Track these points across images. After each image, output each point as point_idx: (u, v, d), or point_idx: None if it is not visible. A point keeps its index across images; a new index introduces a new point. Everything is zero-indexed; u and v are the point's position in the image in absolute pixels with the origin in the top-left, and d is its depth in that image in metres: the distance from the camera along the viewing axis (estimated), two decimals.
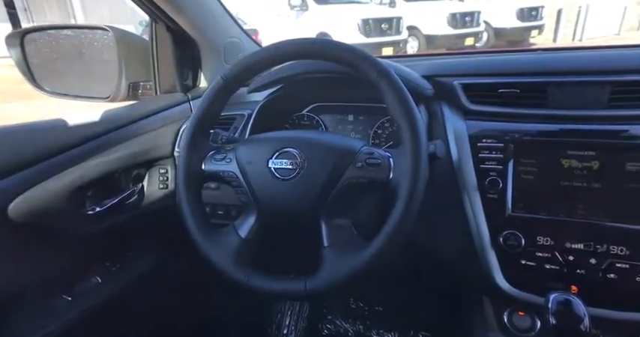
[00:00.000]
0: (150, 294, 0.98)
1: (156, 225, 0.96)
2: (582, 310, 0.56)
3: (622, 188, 0.68)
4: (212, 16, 1.00)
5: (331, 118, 1.02)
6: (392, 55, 1.12)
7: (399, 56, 1.12)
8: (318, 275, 0.59)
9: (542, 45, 7.39)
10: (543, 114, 0.76)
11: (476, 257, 0.74)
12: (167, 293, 1.04)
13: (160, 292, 1.01)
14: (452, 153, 0.79)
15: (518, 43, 7.58)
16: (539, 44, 7.66)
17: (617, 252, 0.67)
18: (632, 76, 0.73)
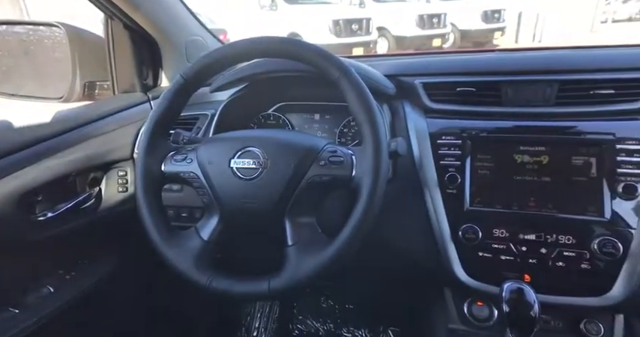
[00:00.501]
0: (110, 301, 0.94)
1: (116, 229, 0.93)
2: (532, 297, 0.59)
3: (568, 181, 0.73)
4: (171, 13, 0.98)
5: (298, 117, 1.02)
6: (357, 55, 1.13)
7: (364, 56, 1.14)
8: (282, 274, 0.59)
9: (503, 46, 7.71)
10: (498, 111, 0.80)
11: (437, 251, 0.77)
12: (128, 300, 1.00)
13: (121, 298, 0.98)
14: (413, 150, 0.81)
15: (483, 44, 7.86)
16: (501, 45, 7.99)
17: (564, 241, 0.71)
18: (577, 75, 0.77)
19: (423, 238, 0.78)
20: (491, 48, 1.13)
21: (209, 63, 0.68)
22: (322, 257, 0.58)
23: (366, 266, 0.94)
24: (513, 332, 0.60)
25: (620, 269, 0.67)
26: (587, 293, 0.69)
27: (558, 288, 0.71)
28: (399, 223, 0.81)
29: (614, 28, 9.30)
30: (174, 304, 1.14)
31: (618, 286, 0.67)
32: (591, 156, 0.72)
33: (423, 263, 0.79)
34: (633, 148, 0.69)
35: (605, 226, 0.69)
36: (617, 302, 0.67)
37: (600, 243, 0.67)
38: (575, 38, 7.39)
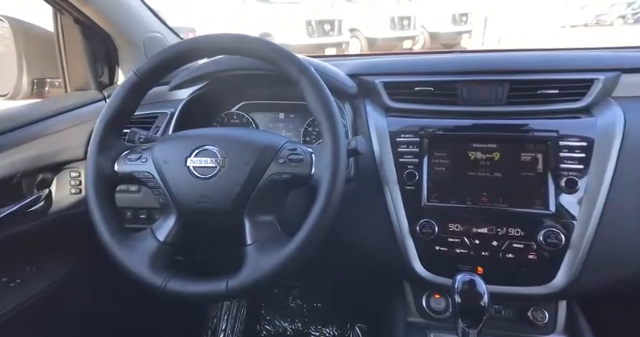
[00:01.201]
0: (63, 308, 0.89)
1: (70, 232, 0.89)
2: (483, 288, 0.61)
3: (517, 176, 0.76)
4: (126, 8, 0.94)
5: (262, 116, 1.01)
6: (321, 55, 1.14)
7: (328, 56, 1.15)
8: (240, 273, 0.59)
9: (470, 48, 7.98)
10: (454, 110, 0.83)
11: (396, 246, 0.78)
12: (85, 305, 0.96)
13: (77, 304, 0.93)
14: (374, 148, 0.82)
15: (452, 46, 8.10)
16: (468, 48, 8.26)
17: (514, 234, 0.74)
18: (526, 75, 0.81)
19: (383, 234, 0.79)
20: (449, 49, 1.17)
21: (164, 59, 0.66)
22: (281, 255, 0.58)
23: (330, 263, 0.95)
24: (465, 321, 0.62)
25: (562, 259, 0.71)
26: (534, 283, 0.73)
27: (508, 279, 0.74)
28: (361, 220, 0.82)
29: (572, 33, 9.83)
30: (135, 307, 1.10)
31: (561, 275, 0.71)
32: (538, 153, 0.76)
33: (384, 258, 0.81)
34: (574, 145, 0.73)
35: (550, 218, 0.72)
36: (559, 289, 0.71)
37: (545, 234, 0.71)
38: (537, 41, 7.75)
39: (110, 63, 0.99)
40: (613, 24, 10.90)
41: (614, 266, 0.71)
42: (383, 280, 0.91)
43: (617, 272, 0.71)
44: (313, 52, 5.84)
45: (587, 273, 0.70)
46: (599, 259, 0.70)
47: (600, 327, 0.74)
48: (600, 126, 0.74)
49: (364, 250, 0.83)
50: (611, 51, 0.93)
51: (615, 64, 0.80)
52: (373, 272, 0.92)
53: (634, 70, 0.80)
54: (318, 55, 1.07)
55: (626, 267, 0.71)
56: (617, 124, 0.73)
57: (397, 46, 7.12)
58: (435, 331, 0.78)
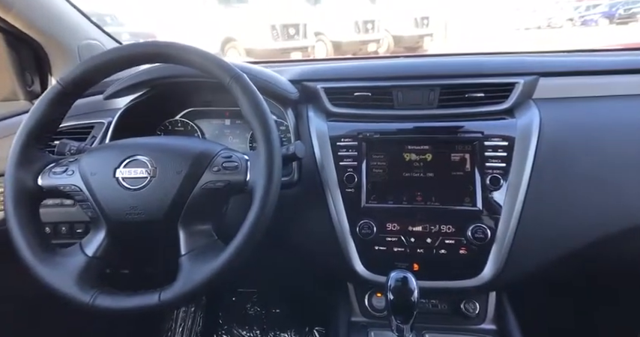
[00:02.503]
0: None
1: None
2: (414, 284, 0.63)
3: (448, 176, 0.80)
4: (56, 15, 0.91)
5: (207, 123, 1.00)
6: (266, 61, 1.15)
7: (273, 61, 1.15)
8: (174, 284, 0.58)
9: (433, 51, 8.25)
10: (390, 114, 0.86)
11: (339, 248, 0.80)
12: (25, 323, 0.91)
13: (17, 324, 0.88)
14: (315, 153, 0.83)
15: (415, 49, 8.34)
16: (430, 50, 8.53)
17: (445, 231, 0.78)
18: (455, 79, 0.85)
19: (326, 236, 0.81)
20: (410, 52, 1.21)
21: (91, 68, 0.65)
22: (215, 264, 0.58)
23: (280, 268, 0.95)
24: (397, 317, 0.64)
25: (489, 253, 0.75)
26: (465, 276, 0.77)
27: (442, 274, 0.77)
28: (305, 223, 0.84)
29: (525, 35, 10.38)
30: (83, 324, 1.06)
31: (488, 267, 0.75)
32: (466, 153, 0.80)
33: (327, 260, 0.82)
34: (497, 144, 0.78)
35: (478, 215, 0.77)
36: (487, 281, 0.75)
37: (473, 230, 0.75)
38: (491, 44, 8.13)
39: (42, 72, 0.95)
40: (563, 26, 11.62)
41: (535, 257, 0.76)
42: (330, 282, 0.93)
43: (537, 262, 0.76)
44: (278, 56, 5.85)
45: (512, 265, 0.74)
46: (521, 251, 0.74)
47: (526, 314, 0.79)
48: (520, 126, 0.79)
49: (309, 253, 0.84)
50: (531, 56, 0.99)
51: (534, 68, 0.86)
52: (319, 275, 0.94)
53: (550, 73, 0.86)
54: (262, 61, 1.08)
55: (545, 257, 0.76)
56: (533, 124, 0.79)
57: (362, 49, 7.26)
58: (376, 329, 0.80)
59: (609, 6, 10.68)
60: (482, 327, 0.80)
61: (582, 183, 0.75)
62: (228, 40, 5.90)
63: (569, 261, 0.76)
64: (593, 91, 0.86)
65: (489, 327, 0.80)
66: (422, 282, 0.75)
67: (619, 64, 0.91)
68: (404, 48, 8.30)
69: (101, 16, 4.87)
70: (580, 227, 0.75)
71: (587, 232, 0.75)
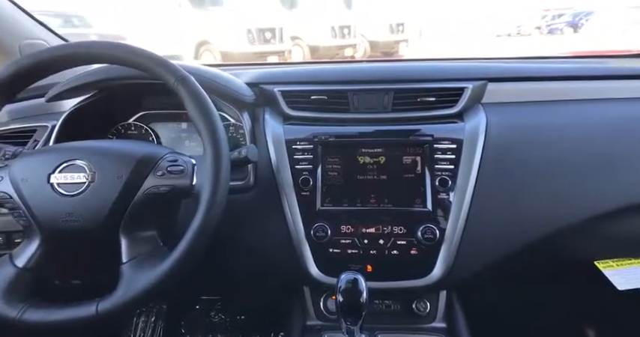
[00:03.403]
0: None
1: None
2: (362, 286, 0.64)
3: (400, 178, 0.82)
4: None
5: (163, 127, 0.99)
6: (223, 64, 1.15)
7: (230, 65, 1.15)
8: (113, 294, 0.57)
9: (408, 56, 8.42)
10: (345, 117, 0.87)
11: (294, 251, 0.80)
12: None
13: None
14: (271, 156, 0.84)
15: (391, 54, 8.50)
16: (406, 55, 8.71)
17: (397, 232, 0.79)
18: (408, 84, 0.88)
19: (281, 240, 0.81)
20: (387, 57, 1.23)
21: (22, 68, 0.63)
22: (157, 271, 0.57)
23: (238, 273, 0.94)
24: (347, 319, 0.65)
25: (439, 253, 0.78)
26: (416, 276, 0.78)
27: (394, 274, 0.79)
28: (262, 227, 0.83)
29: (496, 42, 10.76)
30: None
31: (438, 267, 0.78)
32: (417, 156, 0.82)
33: (283, 264, 0.82)
34: (447, 147, 0.81)
35: (428, 216, 0.79)
36: (437, 280, 0.77)
37: (423, 230, 0.77)
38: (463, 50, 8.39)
39: None
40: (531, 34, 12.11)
41: (482, 255, 0.79)
42: (287, 286, 0.93)
43: (485, 260, 0.79)
44: (255, 59, 5.83)
45: (460, 264, 0.77)
46: (469, 250, 0.77)
47: (476, 312, 0.82)
48: (468, 129, 0.82)
49: (265, 257, 0.84)
50: (480, 61, 1.04)
51: (482, 74, 0.90)
52: (276, 279, 0.94)
53: (498, 79, 0.90)
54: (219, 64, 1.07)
55: (492, 256, 0.79)
56: (480, 127, 0.82)
57: (339, 54, 7.32)
58: (330, 332, 0.80)
59: (573, 15, 11.23)
60: (432, 326, 0.82)
61: (525, 183, 0.79)
62: (203, 43, 5.83)
63: (515, 259, 0.79)
64: (538, 96, 0.90)
65: (439, 325, 0.82)
66: (375, 283, 0.77)
67: (562, 71, 0.97)
68: (380, 53, 8.43)
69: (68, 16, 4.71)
70: (523, 225, 0.78)
71: (530, 230, 0.78)
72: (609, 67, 1.02)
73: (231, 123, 0.95)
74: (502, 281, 0.86)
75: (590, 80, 0.94)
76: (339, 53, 7.34)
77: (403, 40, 8.62)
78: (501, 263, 0.79)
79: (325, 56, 7.13)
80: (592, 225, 0.78)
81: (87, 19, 5.09)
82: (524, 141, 0.82)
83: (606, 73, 0.97)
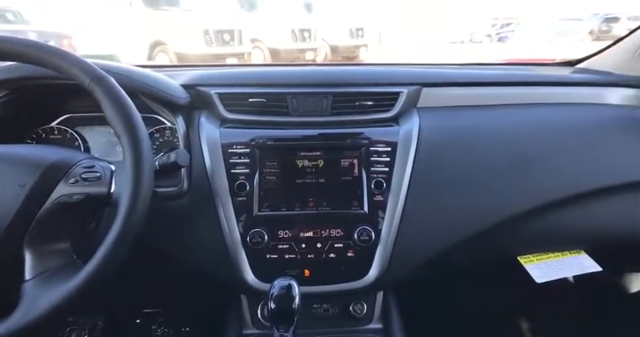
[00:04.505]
0: None
1: None
2: (295, 291, 0.63)
3: (338, 181, 0.82)
4: None
5: (91, 131, 0.93)
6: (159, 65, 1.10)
7: (166, 66, 1.11)
8: (12, 315, 0.51)
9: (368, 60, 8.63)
10: (284, 121, 0.86)
11: (230, 259, 0.78)
12: None
13: None
14: (206, 160, 0.81)
15: (352, 58, 8.65)
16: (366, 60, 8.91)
17: (335, 235, 0.79)
18: (346, 88, 0.88)
19: (217, 248, 0.79)
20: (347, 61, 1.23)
21: None
22: (66, 287, 0.52)
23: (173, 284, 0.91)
24: (280, 327, 0.64)
25: (374, 254, 0.79)
26: (353, 278, 0.79)
27: (332, 277, 0.79)
28: (196, 235, 0.80)
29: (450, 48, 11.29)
30: None
31: (374, 268, 0.78)
32: (354, 159, 0.83)
33: (218, 272, 0.80)
34: (382, 150, 0.82)
35: (364, 218, 0.80)
36: (373, 281, 0.78)
37: (359, 232, 0.78)
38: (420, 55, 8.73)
39: None
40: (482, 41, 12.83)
41: (415, 255, 0.81)
42: (224, 294, 0.90)
43: (418, 260, 0.81)
44: (212, 61, 5.69)
45: (395, 264, 0.78)
46: (403, 251, 0.78)
47: (411, 311, 0.84)
48: (402, 133, 0.84)
49: (201, 265, 0.81)
50: (416, 67, 1.07)
51: (417, 79, 0.92)
52: (213, 288, 0.91)
53: (432, 84, 0.93)
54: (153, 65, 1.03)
55: (424, 255, 0.81)
56: (413, 131, 0.84)
57: (300, 57, 7.34)
58: None
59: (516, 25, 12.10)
60: (369, 327, 0.83)
61: (454, 184, 0.82)
62: (158, 44, 5.61)
63: (446, 257, 0.82)
64: (469, 101, 0.95)
65: (376, 327, 0.83)
66: (313, 287, 0.76)
67: (492, 77, 1.02)
68: (341, 57, 8.57)
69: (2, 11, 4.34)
70: (453, 224, 0.81)
71: (459, 229, 0.81)
72: (535, 74, 1.09)
73: (167, 126, 0.91)
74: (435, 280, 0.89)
75: (518, 86, 1.00)
76: (300, 56, 7.36)
77: (363, 44, 8.81)
78: (434, 261, 0.81)
79: (286, 59, 7.12)
80: (516, 222, 0.82)
81: (24, 16, 4.71)
82: (454, 143, 0.85)
83: (532, 79, 1.03)
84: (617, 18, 9.98)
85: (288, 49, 7.15)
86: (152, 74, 0.84)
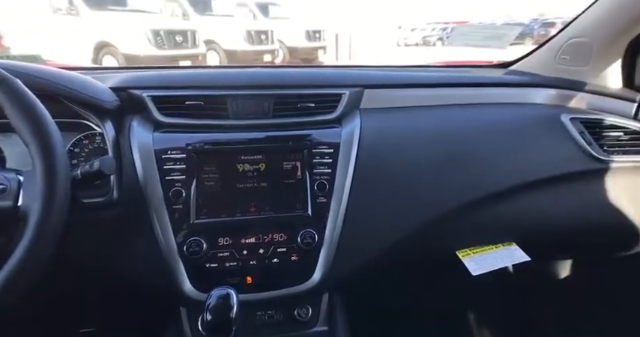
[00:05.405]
0: None
1: None
2: (234, 301, 0.61)
3: (281, 184, 0.81)
4: None
5: (5, 139, 0.84)
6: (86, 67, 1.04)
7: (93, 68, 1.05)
8: None
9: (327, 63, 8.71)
10: (224, 124, 0.84)
11: (166, 270, 0.74)
12: None
13: None
14: (137, 167, 0.76)
15: (310, 61, 8.70)
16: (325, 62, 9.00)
17: (278, 239, 0.78)
18: (288, 90, 0.87)
19: (153, 259, 0.75)
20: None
21: None
22: None
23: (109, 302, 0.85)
24: None
25: (318, 256, 0.78)
26: (298, 282, 0.78)
27: (275, 283, 0.78)
28: (129, 248, 0.76)
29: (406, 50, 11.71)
30: None
31: (318, 270, 0.78)
32: (297, 161, 0.82)
33: (154, 285, 0.76)
34: (324, 151, 0.82)
35: (308, 220, 0.79)
36: (318, 284, 0.78)
37: (302, 235, 0.77)
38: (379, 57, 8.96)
39: None
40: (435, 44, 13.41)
41: (358, 255, 0.81)
42: (163, 308, 0.86)
43: (361, 259, 0.82)
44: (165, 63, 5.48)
45: (339, 265, 0.78)
46: (346, 251, 0.79)
47: (357, 312, 0.85)
48: (344, 134, 0.84)
49: (136, 278, 0.77)
50: (359, 69, 1.09)
51: (360, 81, 0.93)
52: (150, 302, 0.86)
53: (373, 85, 0.94)
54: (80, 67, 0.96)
55: (368, 254, 0.82)
56: (355, 132, 0.85)
57: (257, 60, 7.27)
58: None
59: None
60: (314, 330, 0.82)
61: (395, 183, 0.83)
62: (104, 45, 5.30)
63: (390, 255, 0.83)
64: (410, 102, 0.97)
65: (321, 329, 0.83)
66: (256, 295, 0.74)
67: (432, 79, 1.06)
68: (300, 59, 8.59)
69: None
70: (395, 222, 0.83)
71: (401, 226, 0.83)
72: (471, 76, 1.15)
73: (97, 132, 0.85)
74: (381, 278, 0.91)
75: (454, 87, 1.04)
76: (257, 58, 7.29)
77: (322, 46, 8.89)
78: (377, 260, 0.82)
79: (243, 61, 7.02)
80: (453, 217, 0.85)
81: None
82: (394, 143, 0.87)
83: (467, 81, 1.08)
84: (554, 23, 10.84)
85: (245, 50, 7.05)
86: (78, 77, 0.78)
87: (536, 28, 10.75)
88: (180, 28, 5.89)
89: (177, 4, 6.78)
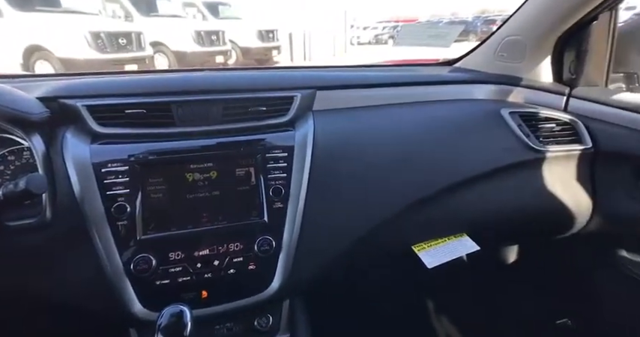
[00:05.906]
0: None
1: None
2: (187, 318, 0.58)
3: (234, 191, 0.78)
4: None
5: None
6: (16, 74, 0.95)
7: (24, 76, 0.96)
8: None
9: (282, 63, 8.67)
10: (170, 132, 0.79)
11: (113, 291, 0.69)
12: None
13: None
14: (73, 183, 0.70)
15: (264, 62, 8.58)
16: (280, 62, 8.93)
17: (234, 249, 0.75)
18: (237, 94, 0.84)
19: (96, 280, 0.69)
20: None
21: None
22: None
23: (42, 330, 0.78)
24: None
25: (277, 263, 0.77)
26: (256, 291, 0.76)
27: (233, 294, 0.75)
28: (67, 272, 0.69)
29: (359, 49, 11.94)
30: None
31: (277, 278, 0.76)
32: (250, 167, 0.79)
33: (101, 308, 0.70)
34: (278, 156, 0.80)
35: (265, 227, 0.77)
36: (277, 291, 0.76)
37: (259, 242, 0.75)
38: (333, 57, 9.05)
39: None
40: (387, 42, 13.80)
41: (317, 258, 0.80)
42: (111, 332, 0.80)
43: (320, 262, 0.81)
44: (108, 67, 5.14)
45: (298, 270, 0.77)
46: (305, 255, 0.77)
47: (319, 317, 0.84)
48: (298, 137, 0.83)
49: (78, 304, 0.70)
50: (309, 70, 1.08)
51: (311, 83, 0.92)
52: (97, 327, 0.80)
53: (326, 87, 0.94)
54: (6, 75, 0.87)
55: (326, 257, 0.81)
56: (309, 134, 0.84)
57: (209, 61, 7.05)
58: None
59: None
60: None
61: (349, 183, 0.83)
62: (36, 49, 4.84)
63: (348, 256, 0.83)
64: (361, 102, 0.98)
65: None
66: (212, 308, 0.71)
67: (382, 78, 1.07)
68: (254, 60, 8.45)
69: None
70: (351, 222, 0.83)
71: (357, 226, 0.83)
72: (417, 75, 1.18)
73: (26, 147, 0.77)
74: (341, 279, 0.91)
75: (403, 86, 1.06)
76: (209, 60, 7.07)
77: (275, 46, 8.81)
78: (337, 261, 0.82)
79: (194, 64, 6.77)
80: (407, 213, 0.87)
81: None
82: (346, 144, 0.87)
83: (414, 80, 1.11)
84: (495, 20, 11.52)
85: (195, 52, 6.80)
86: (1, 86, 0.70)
87: (479, 25, 11.39)
88: (124, 30, 5.54)
89: (119, 6, 6.40)
